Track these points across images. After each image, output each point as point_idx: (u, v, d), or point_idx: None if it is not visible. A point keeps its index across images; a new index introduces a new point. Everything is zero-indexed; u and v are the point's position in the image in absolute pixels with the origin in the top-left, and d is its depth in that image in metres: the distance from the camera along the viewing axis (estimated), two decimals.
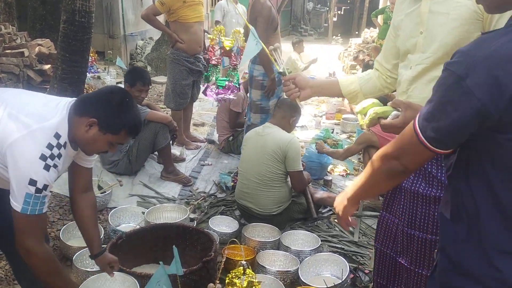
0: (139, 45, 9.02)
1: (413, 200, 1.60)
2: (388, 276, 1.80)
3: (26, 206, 1.50)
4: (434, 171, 1.54)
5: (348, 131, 5.47)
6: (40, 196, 1.51)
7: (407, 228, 1.63)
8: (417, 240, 1.61)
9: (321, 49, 13.80)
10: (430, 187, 1.55)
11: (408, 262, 1.67)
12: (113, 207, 3.12)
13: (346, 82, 1.83)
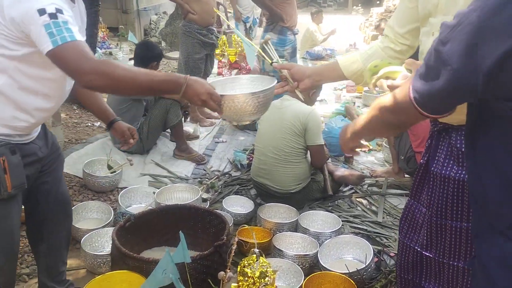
0: (153, 20, 8.82)
1: (444, 186, 1.40)
2: (414, 270, 1.60)
3: (53, 37, 1.31)
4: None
5: (370, 104, 5.21)
6: (59, 22, 1.31)
7: (437, 218, 1.43)
8: (449, 229, 1.41)
9: (341, 20, 13.33)
10: (463, 169, 1.34)
11: (439, 255, 1.47)
12: (124, 187, 3.00)
13: (347, 62, 1.61)
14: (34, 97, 1.50)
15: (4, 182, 1.46)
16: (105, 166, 3.12)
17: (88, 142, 3.58)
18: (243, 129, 4.40)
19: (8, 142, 1.49)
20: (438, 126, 1.43)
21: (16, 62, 1.42)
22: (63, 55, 1.32)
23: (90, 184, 2.99)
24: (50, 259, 1.90)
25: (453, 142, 1.37)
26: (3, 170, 1.45)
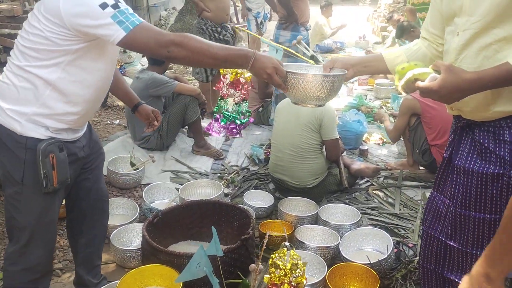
0: (162, 15, 8.89)
1: (467, 179, 1.46)
2: (437, 260, 1.67)
3: (123, 24, 1.39)
4: (492, 146, 1.39)
5: (382, 97, 5.25)
6: (122, 10, 1.40)
7: (460, 209, 1.49)
8: (473, 220, 1.47)
9: (349, 12, 13.30)
10: (487, 164, 1.40)
11: (462, 244, 1.53)
12: (147, 184, 3.10)
13: (391, 56, 1.64)
14: (84, 89, 1.58)
15: (52, 177, 1.56)
16: (128, 163, 3.21)
17: (109, 140, 3.68)
18: (258, 123, 4.47)
19: (57, 139, 1.57)
20: (461, 122, 1.49)
21: (69, 56, 1.49)
22: (138, 37, 1.41)
23: (114, 181, 3.08)
24: (88, 253, 1.99)
25: (476, 138, 1.43)
26: (51, 166, 1.54)
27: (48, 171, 1.55)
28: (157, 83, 3.43)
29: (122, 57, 5.51)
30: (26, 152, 1.55)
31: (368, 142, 4.06)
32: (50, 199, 1.65)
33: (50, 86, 1.52)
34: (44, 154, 1.53)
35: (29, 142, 1.55)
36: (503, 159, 1.36)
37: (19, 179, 1.57)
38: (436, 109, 3.06)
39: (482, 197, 1.43)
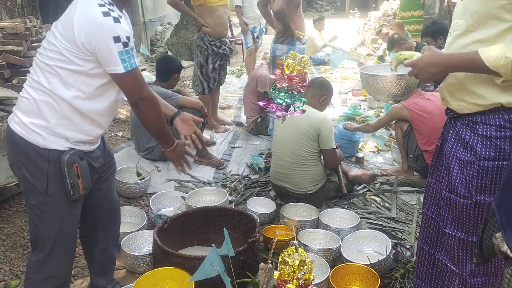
0: (158, 30, 9.05)
1: (451, 165, 1.65)
2: (432, 241, 1.86)
3: (125, 63, 1.54)
4: (467, 137, 1.58)
5: (375, 107, 5.42)
6: (129, 50, 1.55)
7: (445, 191, 1.69)
8: (452, 203, 1.67)
9: (339, 24, 13.57)
10: (467, 153, 1.59)
11: (445, 225, 1.72)
12: (153, 193, 3.20)
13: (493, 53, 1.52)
14: (100, 107, 1.68)
15: (78, 186, 1.66)
16: (134, 173, 3.32)
17: (114, 151, 3.77)
18: (256, 133, 4.60)
19: (77, 150, 1.67)
20: (449, 114, 1.70)
21: (84, 77, 1.60)
22: (130, 79, 1.60)
23: (121, 191, 3.18)
24: (103, 259, 2.07)
25: (457, 129, 1.63)
26: (76, 175, 1.65)
27: (74, 180, 1.65)
28: (162, 96, 3.52)
29: None
30: (48, 164, 1.63)
31: (364, 150, 4.20)
32: (72, 208, 1.74)
33: (66, 103, 1.61)
34: (69, 164, 1.62)
35: (51, 154, 1.63)
36: (474, 150, 1.55)
37: (43, 190, 1.65)
38: (427, 117, 3.22)
39: (459, 182, 1.62)
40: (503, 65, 1.36)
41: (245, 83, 5.97)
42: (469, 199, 1.58)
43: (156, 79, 3.84)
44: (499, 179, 1.52)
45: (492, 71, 1.39)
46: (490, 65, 1.38)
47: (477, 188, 1.56)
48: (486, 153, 1.53)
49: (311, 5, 20.68)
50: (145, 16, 8.55)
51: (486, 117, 1.53)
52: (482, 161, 1.54)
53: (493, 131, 1.51)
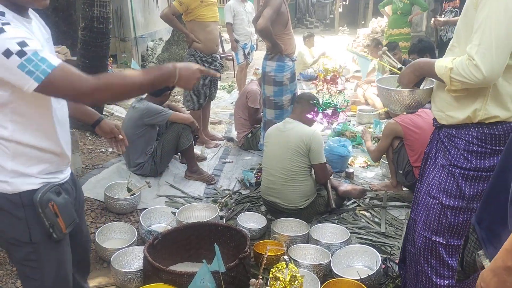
0: (149, 46, 9.10)
1: (431, 168, 1.88)
2: (413, 241, 2.01)
3: (33, 74, 1.25)
4: (446, 145, 1.80)
5: (364, 122, 5.49)
6: (30, 57, 1.25)
7: (423, 193, 1.90)
8: (426, 203, 1.89)
9: (329, 41, 13.78)
10: (443, 158, 1.82)
11: (418, 224, 1.92)
12: (143, 208, 3.19)
13: None
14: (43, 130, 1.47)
15: (58, 225, 1.48)
16: (124, 189, 3.31)
17: (104, 167, 3.77)
18: (247, 149, 4.63)
19: (52, 184, 1.50)
20: (435, 123, 1.90)
21: (10, 107, 1.38)
22: (53, 86, 1.29)
23: (111, 207, 3.17)
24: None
25: (440, 137, 1.84)
26: (54, 215, 1.47)
27: (52, 221, 1.47)
28: (152, 112, 3.58)
29: None
30: (24, 210, 1.45)
31: (353, 165, 4.24)
32: (60, 250, 1.57)
33: (11, 142, 1.41)
34: (42, 205, 1.45)
35: (24, 198, 1.44)
36: (447, 156, 1.78)
37: (27, 240, 1.47)
38: (418, 133, 3.28)
39: (432, 183, 1.85)
40: (443, 74, 1.58)
41: (235, 98, 6.01)
42: (437, 199, 1.81)
43: (148, 94, 3.85)
44: (463, 186, 1.73)
45: (439, 78, 1.62)
46: (438, 72, 1.61)
47: (445, 190, 1.78)
48: (455, 161, 1.74)
49: (301, 21, 21.00)
50: (136, 32, 8.61)
51: (458, 131, 1.74)
52: (452, 167, 1.76)
53: (463, 144, 1.72)
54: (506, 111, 1.63)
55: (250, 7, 6.43)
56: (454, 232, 1.81)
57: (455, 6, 5.14)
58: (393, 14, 7.19)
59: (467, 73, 1.51)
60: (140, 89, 1.48)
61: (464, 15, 1.66)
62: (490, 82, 1.52)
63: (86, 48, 3.99)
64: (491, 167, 1.68)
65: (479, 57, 1.48)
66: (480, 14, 1.51)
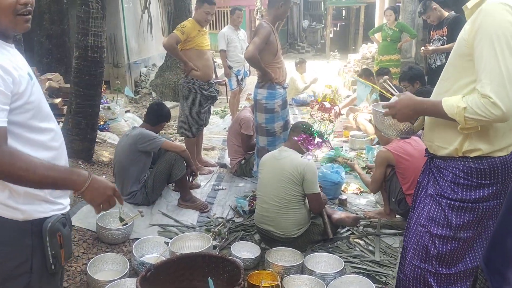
0: (143, 72, 9.17)
1: (422, 197, 1.93)
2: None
3: None
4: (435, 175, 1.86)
5: (356, 148, 5.53)
6: None
7: (414, 222, 1.96)
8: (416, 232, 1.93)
9: (320, 66, 13.99)
10: (432, 188, 1.88)
11: (409, 252, 1.96)
12: (136, 238, 3.16)
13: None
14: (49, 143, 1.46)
15: (60, 257, 1.47)
16: (116, 218, 3.27)
17: None
18: (240, 175, 4.63)
19: (60, 215, 1.49)
20: (427, 154, 1.96)
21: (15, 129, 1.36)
22: None
23: (103, 237, 3.13)
24: None
25: (431, 167, 1.90)
26: (59, 246, 1.45)
27: (56, 251, 1.45)
28: (146, 138, 3.58)
29: (106, 113, 5.66)
30: (32, 238, 1.41)
31: (347, 191, 4.25)
32: (56, 282, 1.55)
33: None
34: (52, 234, 1.43)
35: (35, 226, 1.42)
36: (436, 186, 1.84)
37: (27, 269, 1.42)
38: (409, 160, 3.31)
39: (423, 212, 1.91)
40: (456, 113, 1.59)
41: (229, 123, 6.05)
42: (426, 228, 1.86)
43: (145, 121, 3.88)
44: (450, 215, 1.78)
45: (451, 118, 1.62)
46: (448, 112, 1.62)
47: (433, 219, 1.83)
48: (443, 191, 1.79)
49: (292, 46, 21.33)
50: (130, 58, 8.70)
51: (446, 163, 1.79)
52: (439, 197, 1.81)
53: (450, 176, 1.77)
54: (488, 145, 1.67)
55: (243, 35, 6.55)
56: (442, 260, 1.85)
57: (442, 35, 5.27)
58: (383, 40, 7.34)
59: (484, 111, 1.52)
60: (40, 182, 1.34)
61: (455, 51, 1.71)
62: (510, 117, 1.53)
63: (79, 77, 4.01)
64: (477, 199, 1.73)
65: (495, 95, 1.50)
66: (481, 53, 1.54)
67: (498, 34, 1.50)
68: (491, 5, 1.55)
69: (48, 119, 1.49)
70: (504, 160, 1.69)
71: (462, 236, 1.79)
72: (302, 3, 23.98)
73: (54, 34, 6.76)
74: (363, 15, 18.03)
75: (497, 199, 1.74)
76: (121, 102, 6.38)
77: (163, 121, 3.83)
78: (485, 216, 1.76)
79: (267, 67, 3.79)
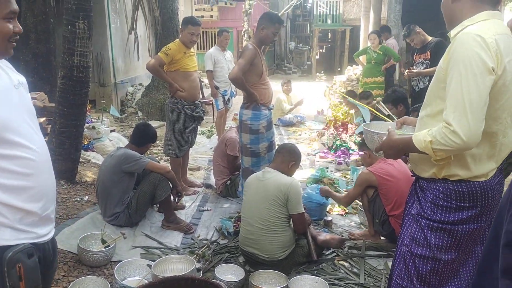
0: (129, 91, 9.16)
1: (407, 218, 1.97)
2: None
3: None
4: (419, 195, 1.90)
5: (342, 169, 5.56)
6: None
7: (399, 243, 1.98)
8: (399, 252, 1.96)
9: (306, 87, 14.15)
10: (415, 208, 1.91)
11: (394, 272, 1.98)
12: (118, 261, 3.10)
13: None
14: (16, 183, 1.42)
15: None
16: (98, 240, 3.21)
17: (79, 217, 3.67)
18: (226, 196, 4.60)
19: (27, 245, 1.43)
20: (413, 175, 1.98)
21: None
22: None
23: (85, 260, 3.07)
24: None
25: (416, 189, 1.92)
26: (18, 277, 1.39)
27: (14, 283, 1.39)
28: (130, 158, 3.55)
29: (91, 133, 5.62)
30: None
31: (332, 213, 4.26)
32: None
33: None
34: (10, 264, 1.38)
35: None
36: (418, 206, 1.87)
37: None
38: (392, 181, 3.33)
39: (406, 232, 1.93)
40: (425, 147, 1.63)
41: (215, 143, 6.05)
42: (407, 247, 1.88)
43: (130, 142, 3.85)
44: (429, 236, 1.80)
45: (423, 151, 1.66)
46: (419, 147, 1.66)
47: (414, 239, 1.86)
48: (423, 211, 1.82)
49: (279, 67, 21.59)
50: (116, 77, 8.69)
51: (428, 184, 1.82)
52: (420, 217, 1.84)
53: (431, 197, 1.80)
54: (466, 171, 1.70)
55: (230, 55, 6.61)
56: (423, 281, 1.86)
57: (426, 58, 5.40)
58: (367, 63, 7.49)
59: (447, 140, 1.55)
60: None
61: (434, 77, 1.76)
62: (471, 145, 1.56)
63: (64, 96, 3.98)
64: (455, 221, 1.75)
65: (456, 123, 1.53)
66: (450, 81, 1.59)
67: (465, 63, 1.55)
68: (465, 34, 1.60)
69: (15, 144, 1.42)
70: (484, 185, 1.72)
71: (443, 258, 1.79)
72: (289, 25, 24.42)
73: (40, 53, 6.73)
74: (348, 37, 18.42)
75: (477, 222, 1.75)
76: (107, 121, 6.35)
77: (149, 142, 3.82)
78: (465, 239, 1.77)
79: (253, 88, 3.82)
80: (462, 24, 1.69)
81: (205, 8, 18.58)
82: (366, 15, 11.77)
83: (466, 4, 1.70)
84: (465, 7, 1.70)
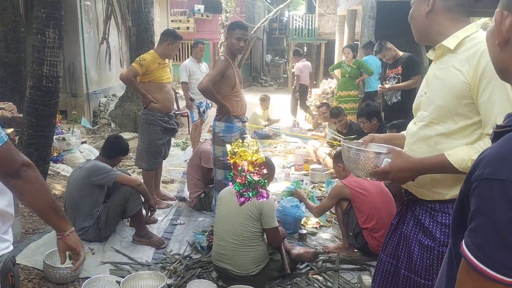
0: (102, 102, 8.99)
1: (410, 246, 1.74)
2: None
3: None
4: (427, 223, 1.68)
5: (317, 181, 5.58)
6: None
7: (405, 270, 1.76)
8: (413, 282, 1.73)
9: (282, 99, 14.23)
10: (426, 238, 1.68)
11: None
12: (86, 277, 2.99)
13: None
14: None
15: None
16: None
17: (46, 231, 3.54)
18: (199, 209, 4.53)
19: (10, 253, 1.44)
20: (408, 196, 1.79)
21: None
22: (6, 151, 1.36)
23: (50, 276, 2.94)
24: None
25: (417, 213, 1.72)
26: (11, 286, 1.40)
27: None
28: (100, 171, 3.45)
29: (61, 144, 5.47)
30: None
31: (307, 226, 4.24)
32: None
33: None
34: (4, 273, 1.38)
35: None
36: (434, 236, 1.64)
37: None
38: (365, 194, 3.35)
39: (419, 264, 1.70)
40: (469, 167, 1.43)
41: (190, 156, 5.96)
42: (430, 281, 1.65)
43: (101, 154, 3.75)
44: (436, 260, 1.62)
45: (462, 172, 1.49)
46: (459, 167, 1.49)
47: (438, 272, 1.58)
48: (445, 240, 1.61)
49: (256, 80, 21.70)
50: (89, 87, 8.52)
51: (444, 206, 1.63)
52: (441, 247, 1.63)
53: (443, 218, 1.62)
54: None
55: (205, 67, 6.59)
56: None
57: (397, 73, 5.51)
58: (342, 77, 7.58)
59: None
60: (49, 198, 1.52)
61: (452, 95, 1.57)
62: None
63: (33, 107, 3.86)
64: None
65: None
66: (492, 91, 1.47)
67: None
68: None
69: None
70: None
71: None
72: (265, 38, 24.65)
73: (10, 63, 6.55)
74: (323, 51, 18.70)
75: None
76: (78, 132, 6.20)
77: (120, 155, 3.73)
78: None
79: (225, 100, 3.79)
80: (455, 35, 1.58)
81: (181, 20, 18.57)
82: (340, 29, 12.00)
83: (444, 17, 1.61)
84: (445, 20, 1.61)
